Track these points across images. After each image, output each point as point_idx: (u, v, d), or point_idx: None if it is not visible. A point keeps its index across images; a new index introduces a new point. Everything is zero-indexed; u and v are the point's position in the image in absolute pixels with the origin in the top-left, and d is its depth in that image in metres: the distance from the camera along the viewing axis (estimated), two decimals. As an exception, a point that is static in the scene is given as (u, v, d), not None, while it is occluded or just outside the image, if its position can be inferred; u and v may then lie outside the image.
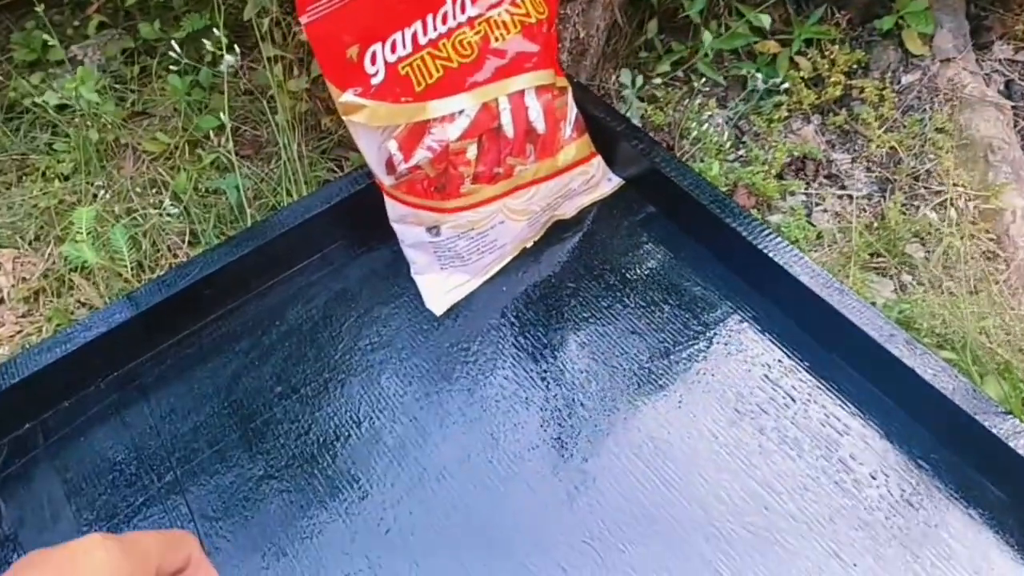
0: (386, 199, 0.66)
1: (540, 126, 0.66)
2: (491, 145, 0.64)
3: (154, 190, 0.92)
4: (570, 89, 0.71)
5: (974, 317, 0.71)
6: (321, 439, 0.60)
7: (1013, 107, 1.34)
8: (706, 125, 1.09)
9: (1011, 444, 0.51)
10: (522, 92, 0.64)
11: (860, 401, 0.60)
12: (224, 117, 0.80)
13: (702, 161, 1.03)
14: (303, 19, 0.56)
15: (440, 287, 0.69)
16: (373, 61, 0.58)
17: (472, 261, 0.68)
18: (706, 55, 1.17)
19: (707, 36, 1.03)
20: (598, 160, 0.75)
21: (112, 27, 1.18)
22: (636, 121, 1.21)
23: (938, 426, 0.56)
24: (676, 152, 1.11)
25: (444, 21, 0.60)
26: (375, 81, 0.59)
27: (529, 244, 0.72)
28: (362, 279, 0.70)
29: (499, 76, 0.62)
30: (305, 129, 0.90)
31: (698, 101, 1.13)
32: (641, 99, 1.19)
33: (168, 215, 0.86)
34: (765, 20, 1.06)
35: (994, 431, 0.52)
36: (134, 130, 1.02)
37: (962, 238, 0.89)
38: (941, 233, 0.92)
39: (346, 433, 0.60)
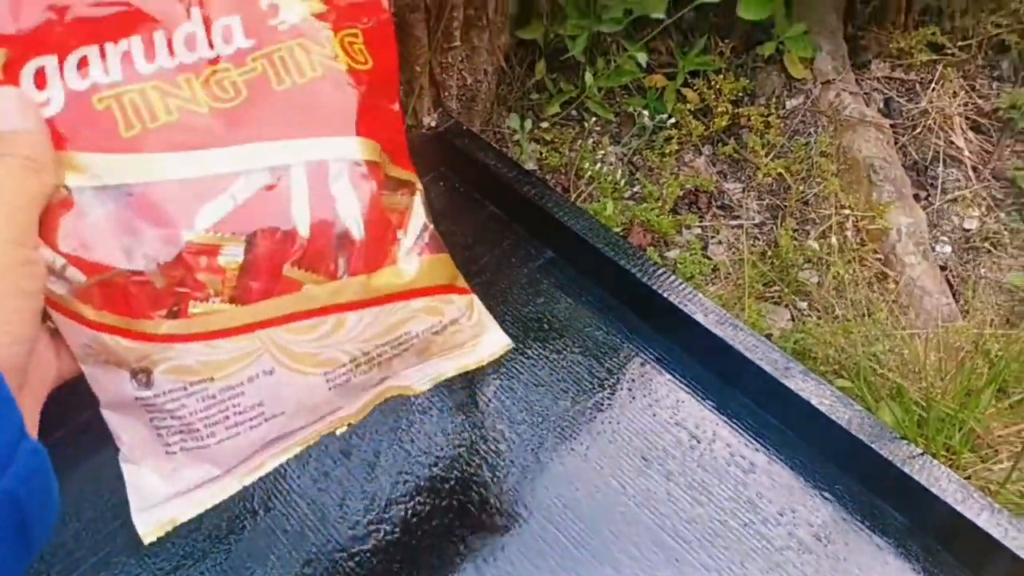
0: (55, 315, 0.36)
1: (355, 228, 0.40)
2: (270, 249, 0.37)
3: None
4: (420, 191, 0.45)
5: (865, 342, 0.72)
6: (214, 534, 0.57)
7: (892, 125, 1.40)
8: (599, 164, 1.10)
9: (906, 469, 0.52)
10: (324, 166, 0.39)
11: (764, 436, 0.60)
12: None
13: (598, 201, 1.04)
14: None
15: (162, 487, 0.41)
16: (40, 83, 0.34)
17: (215, 440, 0.40)
18: (594, 94, 1.19)
19: (588, 77, 1.04)
20: (469, 300, 0.48)
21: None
22: (532, 164, 1.22)
23: (839, 456, 0.57)
24: (573, 193, 1.12)
25: (189, 47, 0.37)
26: (44, 113, 0.34)
27: (342, 426, 0.44)
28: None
29: (286, 132, 0.38)
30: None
31: (591, 140, 1.14)
32: (537, 141, 1.20)
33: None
34: (642, 57, 1.08)
35: (890, 457, 0.53)
36: None
37: (851, 262, 0.91)
38: (831, 258, 0.94)
39: (240, 524, 0.57)
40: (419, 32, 1.01)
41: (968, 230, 1.25)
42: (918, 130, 1.39)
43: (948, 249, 1.21)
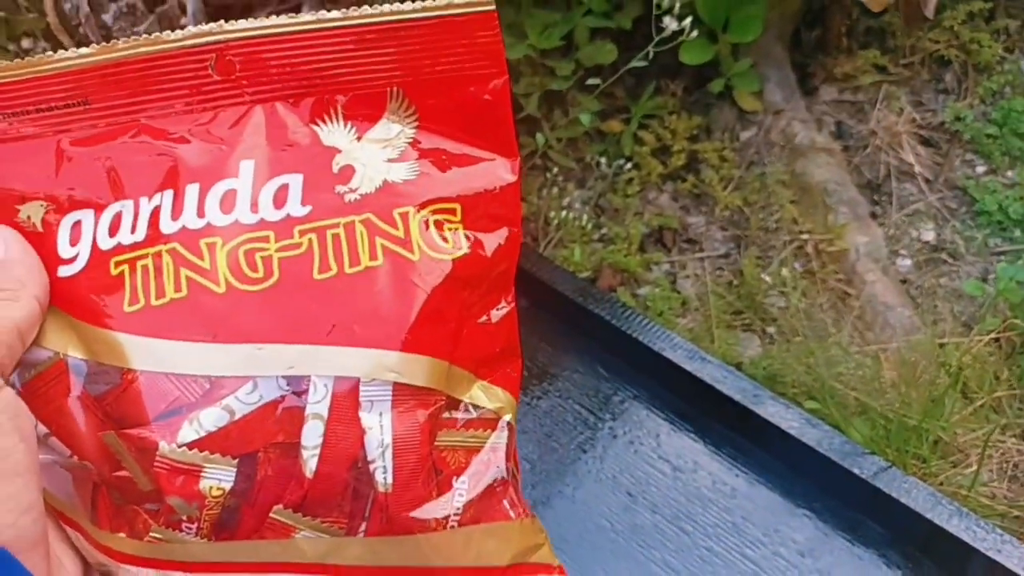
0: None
1: (381, 473, 0.30)
2: (263, 481, 0.29)
3: None
4: (509, 426, 0.33)
5: (828, 363, 0.75)
6: None
7: (845, 147, 1.45)
8: (565, 211, 1.14)
9: (876, 483, 0.54)
10: (356, 387, 0.29)
11: (743, 462, 0.62)
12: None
13: (567, 247, 1.07)
14: None
15: None
16: (75, 238, 0.30)
17: None
18: (553, 145, 1.22)
19: (540, 137, 1.08)
20: None
21: None
22: (500, 215, 1.25)
23: (814, 475, 0.59)
24: (543, 240, 1.15)
25: (225, 208, 0.30)
26: (66, 272, 0.30)
27: None
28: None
29: (315, 335, 0.29)
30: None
31: (556, 188, 1.17)
32: (502, 193, 1.23)
33: None
34: (586, 119, 1.12)
35: (860, 473, 0.55)
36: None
37: (813, 284, 0.95)
38: (794, 283, 0.98)
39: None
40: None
41: (925, 242, 1.29)
42: (869, 150, 1.44)
43: (908, 262, 1.25)
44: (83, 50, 0.29)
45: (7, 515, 0.26)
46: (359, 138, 0.31)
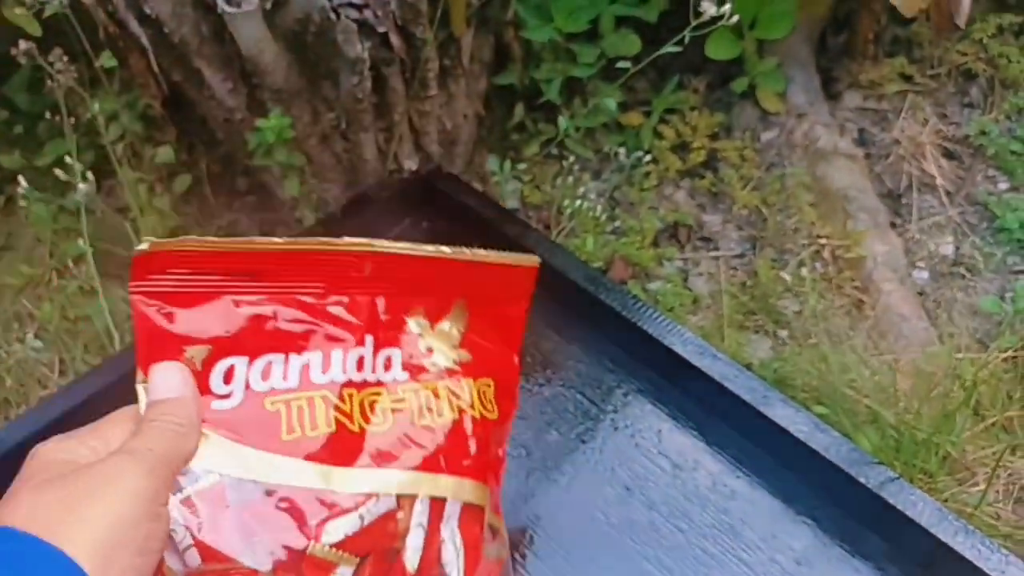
0: None
1: (455, 571, 0.41)
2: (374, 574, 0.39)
3: (17, 324, 0.88)
4: (506, 544, 0.47)
5: (841, 369, 0.73)
6: None
7: (867, 154, 1.43)
8: (580, 200, 1.12)
9: (882, 494, 0.53)
10: (442, 504, 0.41)
11: (745, 464, 0.61)
12: (83, 243, 0.78)
13: (579, 236, 1.06)
14: (131, 288, 0.39)
15: None
16: (228, 378, 0.39)
17: None
18: (573, 133, 1.21)
19: (562, 121, 1.06)
20: None
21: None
22: (515, 202, 1.24)
23: (818, 482, 0.58)
24: (554, 229, 1.14)
25: (359, 368, 0.41)
26: (222, 405, 0.38)
27: None
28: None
29: (419, 464, 0.41)
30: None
31: (571, 177, 1.16)
32: (518, 179, 1.22)
33: (33, 349, 0.83)
34: (611, 104, 1.11)
35: (866, 483, 0.53)
36: (-6, 266, 0.99)
37: (828, 290, 0.93)
38: (808, 287, 0.96)
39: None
40: (395, 83, 1.03)
41: (944, 256, 1.27)
42: (891, 159, 1.42)
43: (925, 275, 1.23)
44: (267, 239, 0.40)
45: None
46: (432, 328, 0.44)
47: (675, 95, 1.34)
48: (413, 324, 0.44)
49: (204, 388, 0.39)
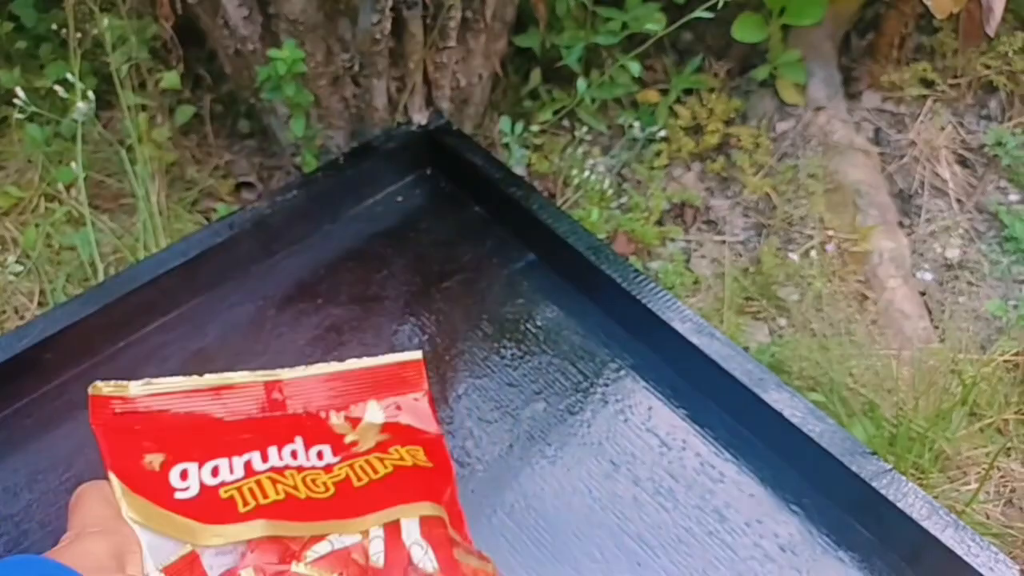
0: None
1: (428, 564, 0.47)
2: None
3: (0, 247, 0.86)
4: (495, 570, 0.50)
5: (841, 359, 0.72)
6: (170, 512, 0.55)
7: (880, 153, 1.41)
8: (588, 173, 1.10)
9: (875, 485, 0.51)
10: (397, 524, 0.48)
11: (734, 446, 0.59)
12: (77, 168, 0.76)
13: (583, 208, 1.04)
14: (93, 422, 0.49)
15: None
16: (184, 477, 0.47)
17: None
18: (587, 104, 1.19)
19: (581, 84, 1.04)
20: None
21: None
22: (521, 169, 1.22)
23: (808, 469, 0.56)
24: (559, 200, 1.11)
25: (294, 457, 0.50)
26: (182, 496, 0.47)
27: None
28: (221, 337, 0.66)
29: (367, 510, 0.48)
30: (171, 180, 0.86)
31: (581, 149, 1.14)
32: (527, 147, 1.19)
33: (13, 274, 0.81)
34: (635, 68, 1.08)
35: (859, 472, 0.52)
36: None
37: (832, 281, 0.91)
38: (813, 276, 0.94)
39: (198, 504, 0.56)
40: (414, 28, 1.01)
41: (949, 259, 1.25)
42: (905, 160, 1.40)
43: (929, 276, 1.22)
44: (196, 378, 0.51)
45: None
46: (354, 427, 0.53)
47: (695, 76, 1.32)
48: (336, 426, 0.52)
49: (166, 485, 0.47)
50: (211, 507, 0.46)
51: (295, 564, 0.45)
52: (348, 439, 0.52)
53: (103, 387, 0.49)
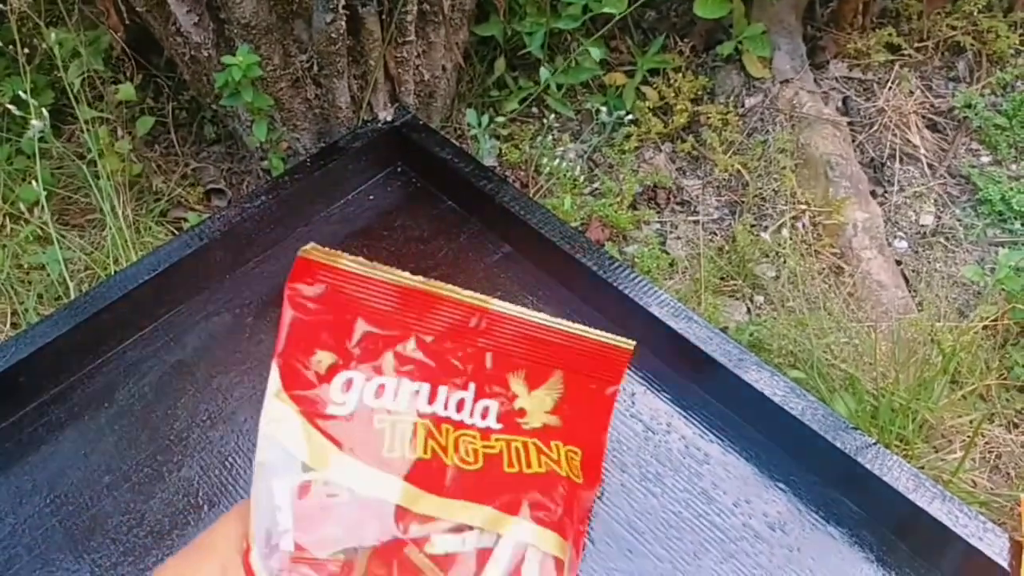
0: None
1: None
2: None
3: (-33, 271, 0.84)
4: None
5: (819, 334, 0.72)
6: (155, 529, 0.55)
7: (849, 123, 1.41)
8: (559, 160, 1.10)
9: (859, 459, 0.51)
10: (524, 550, 0.42)
11: (719, 428, 0.59)
12: (37, 186, 0.74)
13: (556, 196, 1.03)
14: (289, 284, 0.44)
15: None
16: (347, 387, 0.42)
17: None
18: (553, 90, 1.18)
19: (544, 72, 1.03)
20: None
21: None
22: (492, 160, 1.21)
23: (793, 447, 0.57)
24: (532, 188, 1.11)
25: (459, 409, 0.45)
26: (336, 411, 0.42)
27: None
28: (200, 348, 0.65)
29: (504, 506, 0.43)
30: (138, 192, 0.84)
31: (551, 136, 1.13)
32: (496, 138, 1.19)
33: (-17, 296, 0.79)
34: (596, 52, 1.08)
35: (843, 448, 0.52)
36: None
37: (806, 255, 0.92)
38: (787, 253, 0.95)
39: (184, 520, 0.55)
40: (371, 25, 1.00)
41: (924, 226, 1.26)
42: (875, 128, 1.41)
43: (904, 244, 1.22)
44: (411, 276, 0.44)
45: None
46: (529, 392, 0.47)
47: (660, 56, 1.31)
48: (514, 383, 0.47)
49: (324, 394, 0.42)
50: (357, 435, 0.42)
51: (411, 548, 0.40)
52: (518, 404, 0.47)
53: (314, 251, 0.43)
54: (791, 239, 1.01)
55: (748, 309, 0.90)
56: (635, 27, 1.40)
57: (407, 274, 0.44)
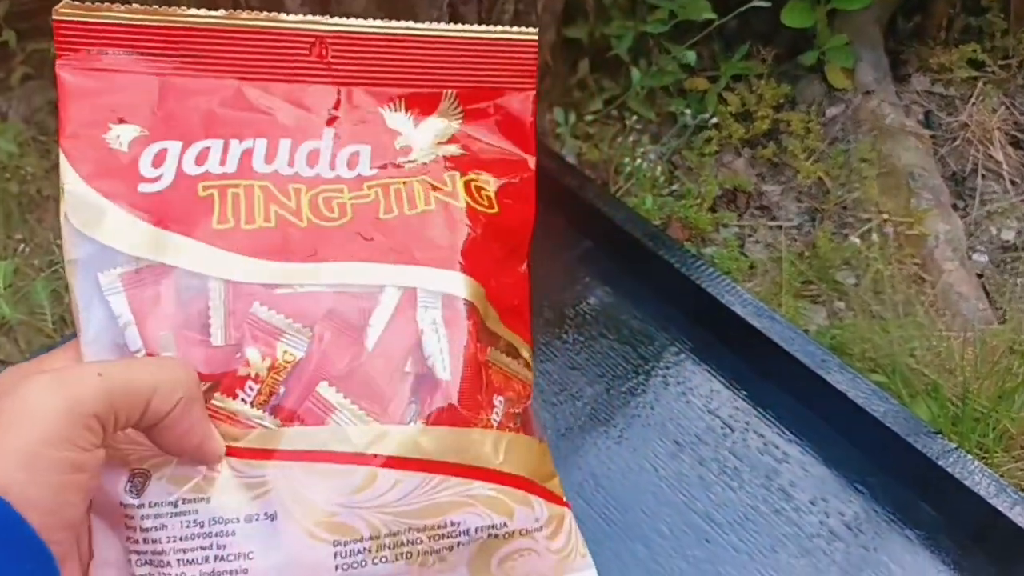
0: None
1: (440, 367, 0.35)
2: (330, 349, 0.34)
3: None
4: (529, 365, 0.41)
5: (902, 340, 0.72)
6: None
7: (932, 136, 1.40)
8: (639, 160, 1.11)
9: (941, 463, 0.52)
10: (414, 293, 0.35)
11: (797, 428, 0.60)
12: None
13: (636, 196, 1.05)
14: (59, 61, 0.35)
15: None
16: (158, 162, 0.35)
17: None
18: (637, 92, 1.19)
19: (635, 73, 1.05)
20: (559, 514, 0.39)
21: (37, 78, 1.16)
22: (571, 159, 1.23)
23: (873, 449, 0.57)
24: (611, 188, 1.13)
25: (311, 163, 0.37)
26: (148, 188, 0.34)
27: None
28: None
29: (380, 257, 0.36)
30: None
31: (631, 138, 1.15)
32: (576, 137, 1.21)
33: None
34: (691, 57, 1.09)
35: (925, 451, 0.53)
36: (57, 181, 0.99)
37: (889, 264, 0.91)
38: (869, 259, 0.94)
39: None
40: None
41: (1005, 241, 1.24)
42: (957, 142, 1.39)
43: (984, 258, 1.21)
44: (207, 11, 0.35)
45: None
46: (415, 125, 0.38)
47: (743, 63, 1.32)
48: (390, 118, 0.38)
49: (133, 173, 0.35)
50: (180, 207, 0.34)
51: (257, 306, 0.34)
52: (400, 143, 0.38)
53: (68, 11, 0.35)
54: (874, 244, 1.00)
55: (829, 314, 0.90)
56: (718, 34, 1.41)
57: (203, 11, 0.36)
